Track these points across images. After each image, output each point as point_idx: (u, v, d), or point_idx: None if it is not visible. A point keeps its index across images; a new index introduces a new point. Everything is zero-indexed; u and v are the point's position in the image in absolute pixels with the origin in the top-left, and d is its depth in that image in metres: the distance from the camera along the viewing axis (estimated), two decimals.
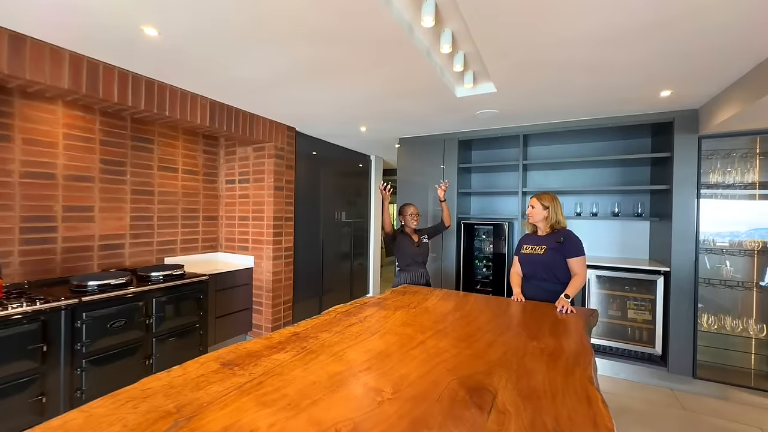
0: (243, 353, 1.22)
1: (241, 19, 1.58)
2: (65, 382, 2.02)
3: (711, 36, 1.64)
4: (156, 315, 2.47)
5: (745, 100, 2.08)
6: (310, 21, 1.59)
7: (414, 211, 2.79)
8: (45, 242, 2.43)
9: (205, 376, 1.05)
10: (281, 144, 3.48)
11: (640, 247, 3.34)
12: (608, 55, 1.88)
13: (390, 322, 1.61)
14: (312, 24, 1.61)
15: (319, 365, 1.14)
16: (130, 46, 1.87)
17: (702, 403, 2.58)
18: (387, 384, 1.03)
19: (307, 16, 1.55)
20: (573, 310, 1.84)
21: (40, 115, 2.39)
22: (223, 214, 3.73)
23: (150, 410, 0.87)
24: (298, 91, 2.52)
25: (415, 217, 2.79)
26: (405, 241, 2.75)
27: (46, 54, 1.85)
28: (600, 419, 0.87)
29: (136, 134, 2.95)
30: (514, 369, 1.14)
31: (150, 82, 2.33)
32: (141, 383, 1.00)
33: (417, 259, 2.78)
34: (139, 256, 3.01)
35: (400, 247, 2.75)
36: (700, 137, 2.71)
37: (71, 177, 2.56)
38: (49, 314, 1.95)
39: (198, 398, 0.93)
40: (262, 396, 0.95)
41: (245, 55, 1.94)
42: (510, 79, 2.24)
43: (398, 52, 1.87)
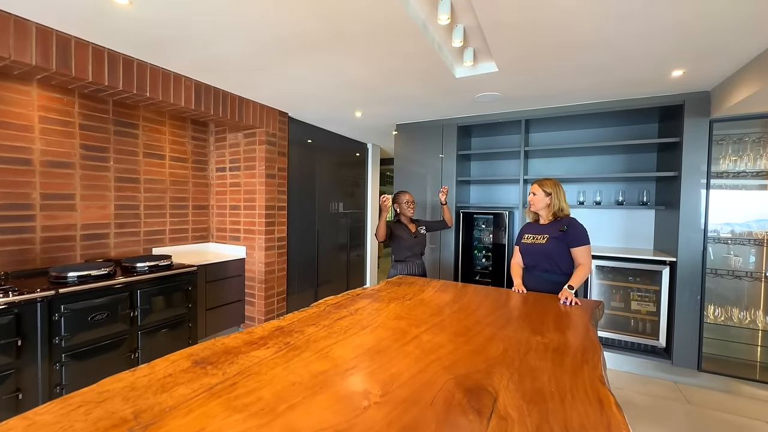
0: (219, 350, 1.11)
1: None
2: (43, 377, 1.92)
3: (730, 10, 1.50)
4: (141, 307, 2.37)
5: (763, 79, 1.94)
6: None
7: (409, 199, 2.68)
8: (22, 231, 2.31)
9: (173, 375, 0.95)
10: (273, 130, 3.33)
11: (645, 237, 3.24)
12: (617, 30, 1.74)
13: (383, 315, 1.51)
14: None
15: (302, 363, 1.04)
16: (100, 18, 1.72)
17: (707, 396, 2.50)
18: (375, 385, 0.92)
19: None
20: (577, 302, 1.73)
21: (13, 96, 2.24)
22: (213, 203, 3.60)
23: (103, 417, 0.76)
24: (287, 69, 2.37)
25: (410, 205, 2.67)
26: (402, 232, 2.64)
27: (10, 26, 1.70)
28: (615, 426, 0.76)
29: (118, 118, 2.81)
30: (517, 367, 1.04)
31: (128, 60, 2.18)
32: (99, 384, 0.90)
33: (414, 251, 2.67)
34: (125, 246, 2.89)
35: (396, 239, 2.64)
36: (712, 121, 2.58)
37: (49, 163, 2.43)
38: (23, 307, 1.84)
39: (160, 402, 0.82)
40: (233, 399, 0.84)
41: (223, 27, 1.80)
42: (512, 56, 2.09)
43: (393, 25, 1.72)
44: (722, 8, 1.52)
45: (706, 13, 1.57)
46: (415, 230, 2.69)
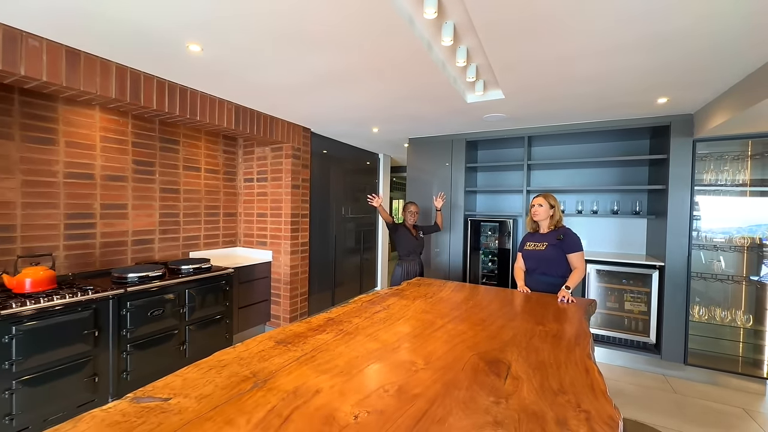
0: (291, 334, 1.42)
1: (279, 33, 1.75)
2: (113, 364, 2.23)
3: (705, 50, 1.81)
4: (188, 305, 2.68)
5: (736, 108, 2.25)
6: (338, 37, 1.76)
7: (414, 210, 3.28)
8: (86, 237, 2.63)
9: (265, 351, 1.26)
10: (298, 144, 3.66)
11: (638, 243, 3.54)
12: (609, 67, 2.06)
13: (411, 309, 1.82)
14: (339, 39, 1.79)
15: (358, 343, 1.34)
16: (172, 59, 2.05)
17: (692, 387, 2.80)
18: (419, 358, 1.23)
19: (336, 32, 1.73)
20: (573, 300, 2.04)
21: (80, 119, 2.57)
22: (241, 210, 3.92)
23: (231, 375, 1.07)
24: (319, 96, 2.69)
25: (414, 215, 3.28)
26: (406, 234, 3.24)
27: (97, 67, 2.03)
28: (596, 384, 1.07)
29: (163, 136, 3.14)
30: (524, 347, 1.34)
31: (183, 90, 2.51)
32: (215, 356, 1.20)
33: (416, 250, 3.28)
34: (167, 251, 3.21)
35: (401, 239, 3.23)
36: (695, 140, 2.89)
37: (107, 177, 2.75)
38: (99, 303, 2.16)
39: (265, 367, 1.13)
40: (317, 366, 1.15)
41: (276, 65, 2.12)
42: (517, 87, 2.41)
43: (417, 65, 2.05)
44: (702, 48, 1.79)
45: (688, 53, 1.86)
46: (415, 234, 3.27)
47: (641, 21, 1.56)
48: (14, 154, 2.26)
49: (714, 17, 1.51)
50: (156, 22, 1.66)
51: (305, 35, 1.75)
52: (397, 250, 3.30)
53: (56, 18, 1.62)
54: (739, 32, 1.62)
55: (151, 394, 0.95)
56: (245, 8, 1.53)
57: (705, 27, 1.59)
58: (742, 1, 1.40)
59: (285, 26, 1.67)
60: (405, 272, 3.22)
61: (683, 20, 1.54)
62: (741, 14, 1.48)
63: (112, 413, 0.86)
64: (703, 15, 1.49)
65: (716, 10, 1.46)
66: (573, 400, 0.97)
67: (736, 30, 1.60)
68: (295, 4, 1.48)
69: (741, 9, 1.44)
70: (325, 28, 1.68)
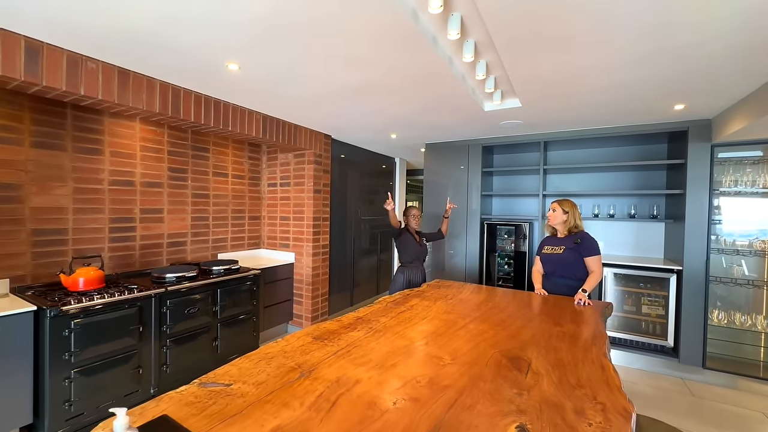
0: (325, 331, 1.56)
1: (311, 54, 1.90)
2: (155, 357, 2.42)
3: (720, 60, 1.86)
4: (220, 304, 2.85)
5: (754, 115, 2.28)
6: (366, 56, 1.89)
7: (416, 213, 3.16)
8: (127, 240, 2.84)
9: (305, 346, 1.39)
10: (319, 151, 3.82)
11: (656, 247, 3.55)
12: (625, 78, 2.13)
13: (433, 310, 1.93)
14: (367, 57, 1.91)
15: (388, 340, 1.47)
16: (211, 77, 2.22)
17: (710, 390, 2.81)
18: (445, 354, 1.34)
19: (364, 52, 1.85)
20: (590, 303, 2.11)
21: (123, 130, 2.78)
22: (265, 214, 4.10)
23: (279, 366, 1.21)
24: (343, 106, 2.83)
25: (416, 219, 3.14)
26: (409, 239, 3.09)
27: (143, 84, 2.22)
28: (612, 380, 1.16)
29: (195, 144, 3.33)
30: (543, 345, 1.44)
31: (217, 102, 2.69)
32: (261, 350, 1.34)
33: (420, 257, 3.12)
34: (198, 252, 3.40)
35: (404, 244, 3.08)
36: (713, 146, 2.91)
37: (146, 183, 2.96)
38: (143, 301, 2.34)
39: (308, 360, 1.26)
40: (354, 359, 1.27)
41: (305, 80, 2.27)
42: (534, 97, 2.50)
43: (438, 79, 2.16)
44: (718, 59, 1.84)
45: (704, 64, 1.91)
46: (419, 239, 3.14)
47: (657, 36, 1.63)
48: (67, 163, 2.48)
49: (728, 33, 1.57)
50: (202, 47, 1.82)
51: (335, 55, 1.88)
52: (399, 257, 3.14)
53: (114, 44, 1.80)
54: (754, 43, 1.66)
55: (215, 380, 1.09)
56: (282, 35, 1.67)
57: (720, 41, 1.65)
58: (756, 18, 1.46)
59: (317, 48, 1.80)
60: (407, 280, 3.02)
61: (698, 35, 1.60)
62: (753, 29, 1.54)
63: (185, 395, 1.00)
64: (718, 30, 1.56)
65: (730, 27, 1.53)
66: (590, 393, 1.06)
67: (751, 42, 1.65)
68: (331, 29, 1.61)
69: (754, 25, 1.50)
70: (354, 49, 1.81)
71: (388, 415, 0.93)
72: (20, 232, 2.27)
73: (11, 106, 2.20)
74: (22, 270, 2.29)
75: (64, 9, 1.49)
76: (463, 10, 1.53)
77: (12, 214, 2.23)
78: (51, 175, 2.40)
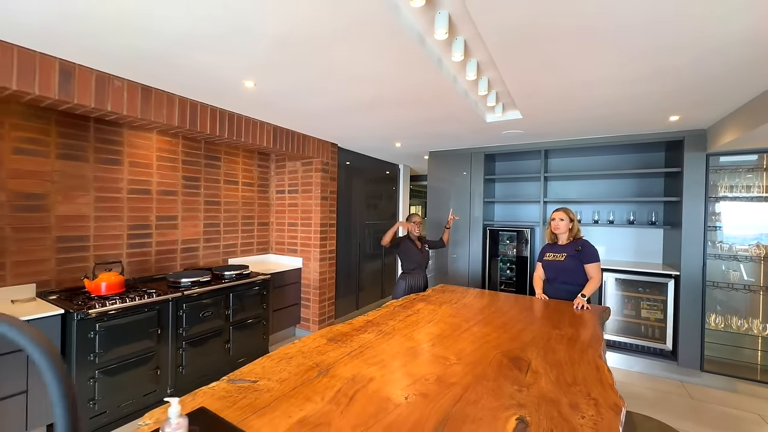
0: (338, 333, 1.66)
1: (324, 72, 2.02)
2: (171, 358, 2.53)
3: (713, 76, 1.96)
4: (232, 307, 2.97)
5: (746, 127, 2.38)
6: (375, 74, 2.01)
7: (418, 220, 3.18)
8: (144, 246, 2.96)
9: (320, 347, 1.50)
10: (326, 159, 3.94)
11: (655, 253, 3.64)
12: (622, 93, 2.24)
13: (439, 314, 2.03)
14: (376, 76, 2.03)
15: (397, 342, 1.57)
16: (228, 93, 2.35)
17: (708, 393, 2.88)
18: (451, 354, 1.44)
19: (374, 71, 1.97)
20: (588, 307, 2.20)
21: (141, 141, 2.91)
22: (273, 220, 4.22)
23: (299, 365, 1.31)
24: (350, 118, 2.96)
25: (418, 225, 3.16)
26: (410, 247, 3.12)
27: (164, 100, 2.35)
28: (605, 379, 1.26)
29: (207, 154, 3.46)
30: (542, 347, 1.54)
31: (231, 115, 2.82)
32: (281, 350, 1.45)
33: (421, 264, 3.14)
34: (210, 258, 3.52)
35: (405, 252, 3.10)
36: (708, 155, 3.01)
37: (162, 192, 3.09)
38: (162, 305, 2.46)
39: (324, 360, 1.37)
40: (366, 359, 1.38)
41: (316, 95, 2.39)
42: (535, 110, 2.61)
43: (444, 95, 2.28)
44: (710, 76, 1.95)
45: (697, 81, 2.02)
46: (420, 246, 3.18)
47: (652, 55, 1.73)
48: (89, 173, 2.61)
49: (723, 51, 1.68)
50: (221, 66, 1.95)
51: (347, 73, 2.00)
52: (401, 264, 3.17)
53: (139, 64, 1.94)
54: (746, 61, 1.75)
55: (242, 377, 1.20)
56: (297, 55, 1.79)
57: (712, 60, 1.76)
58: (747, 37, 1.56)
59: (330, 67, 1.93)
60: (409, 286, 3.03)
61: (691, 54, 1.71)
62: (747, 45, 1.64)
63: (217, 390, 1.11)
64: (710, 49, 1.67)
65: (720, 45, 1.63)
66: (584, 390, 1.16)
67: (743, 60, 1.74)
68: (343, 50, 1.74)
69: (745, 46, 1.61)
70: (365, 69, 1.93)
71: (401, 409, 1.03)
72: (46, 239, 2.39)
73: (40, 120, 2.33)
74: (47, 275, 2.41)
75: (94, 33, 1.62)
76: (466, 35, 1.65)
77: (39, 222, 2.36)
78: (74, 184, 2.53)
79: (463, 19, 1.51)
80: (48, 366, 0.40)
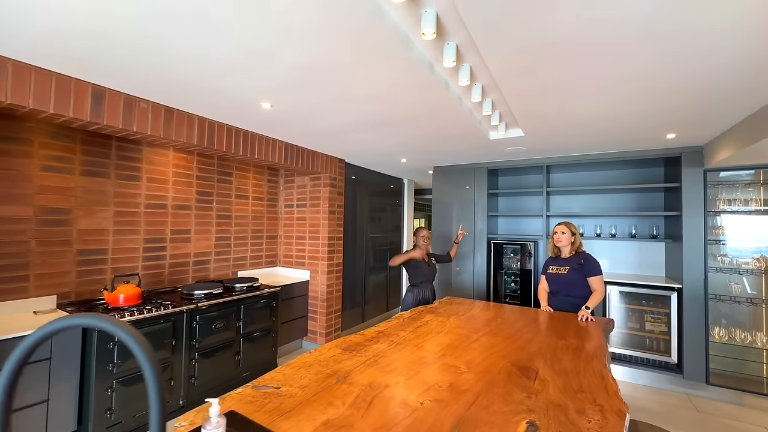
0: (352, 343, 1.73)
1: (337, 94, 2.15)
2: (185, 369, 2.58)
3: (706, 97, 2.07)
4: (243, 319, 3.03)
5: (739, 145, 2.48)
6: (385, 95, 2.14)
7: (426, 235, 3.26)
8: (159, 259, 3.05)
9: (336, 356, 1.56)
10: (334, 174, 4.06)
11: (657, 266, 3.69)
12: (618, 112, 2.35)
13: (447, 325, 2.09)
14: (386, 97, 2.16)
15: (409, 351, 1.64)
16: (246, 113, 2.48)
17: (714, 406, 2.90)
18: (461, 363, 1.51)
19: (384, 92, 2.10)
20: (592, 319, 2.26)
21: (158, 158, 3.04)
22: (281, 233, 4.32)
23: (317, 373, 1.38)
24: (359, 135, 3.08)
25: (427, 240, 3.24)
26: (419, 262, 3.18)
27: (185, 120, 2.48)
28: (609, 387, 1.32)
29: (220, 169, 3.59)
30: (549, 357, 1.60)
31: (246, 133, 2.95)
32: (298, 359, 1.52)
33: (429, 277, 3.22)
34: (221, 270, 3.61)
35: (414, 267, 3.18)
36: (706, 170, 3.10)
37: (176, 206, 3.20)
38: (176, 316, 2.53)
39: (341, 368, 1.44)
40: (381, 368, 1.45)
41: (328, 115, 2.52)
42: (536, 128, 2.73)
43: (449, 114, 2.40)
44: (701, 96, 2.05)
45: (688, 102, 2.13)
46: (428, 260, 3.26)
47: (641, 80, 1.85)
48: (110, 189, 2.72)
49: (703, 80, 1.80)
50: (242, 90, 2.08)
51: (360, 95, 2.13)
52: (409, 279, 3.25)
53: (165, 88, 2.07)
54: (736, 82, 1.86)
55: (265, 384, 1.27)
56: (313, 80, 1.92)
57: (701, 84, 1.87)
58: (729, 69, 1.68)
59: (344, 90, 2.06)
60: (417, 298, 3.10)
61: (672, 80, 1.83)
62: (737, 68, 1.74)
63: (244, 395, 1.18)
64: (690, 76, 1.78)
65: (708, 70, 1.75)
66: (590, 397, 1.23)
67: (733, 81, 1.86)
68: (358, 75, 1.86)
69: (737, 63, 1.72)
70: (377, 92, 2.06)
71: (417, 413, 1.10)
72: (68, 253, 2.49)
73: (67, 139, 2.46)
74: (67, 287, 2.50)
75: (124, 59, 1.75)
76: (472, 62, 1.77)
77: (62, 236, 2.46)
78: (96, 200, 2.64)
79: (470, 49, 1.64)
80: (145, 360, 0.49)
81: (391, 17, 1.40)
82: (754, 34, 1.39)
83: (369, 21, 1.36)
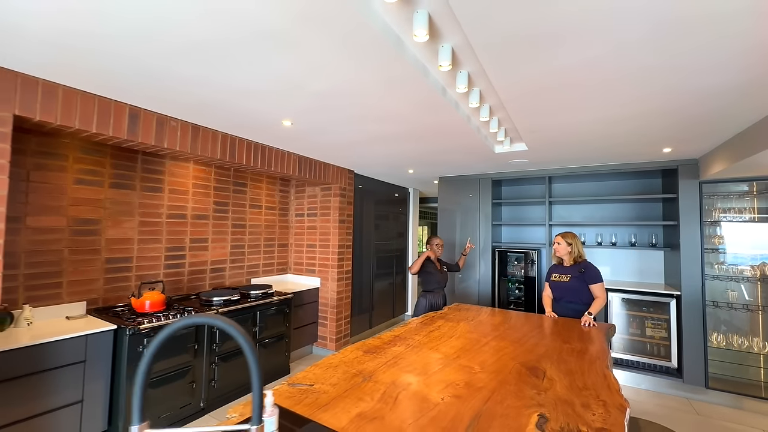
0: (372, 346, 1.86)
1: (351, 115, 2.31)
2: (205, 373, 2.70)
3: (700, 117, 2.22)
4: (259, 325, 3.16)
5: (732, 159, 2.63)
6: (398, 116, 2.29)
7: (439, 243, 3.47)
8: (179, 266, 3.19)
9: (358, 357, 1.69)
10: (344, 184, 4.21)
11: (657, 273, 3.82)
12: (616, 130, 2.51)
13: (458, 330, 2.22)
14: (399, 117, 2.32)
15: (425, 353, 1.76)
16: (267, 130, 2.65)
17: (714, 409, 3.00)
18: (475, 364, 1.64)
19: (398, 113, 2.26)
20: (595, 324, 2.39)
21: (180, 170, 3.20)
22: (292, 241, 4.46)
23: (344, 372, 1.51)
24: (368, 148, 3.24)
25: (440, 248, 3.45)
26: (432, 268, 3.39)
27: (210, 136, 2.64)
28: (612, 385, 1.45)
29: (235, 180, 3.75)
30: (555, 359, 1.73)
31: (263, 147, 3.12)
32: (324, 361, 1.65)
33: (441, 284, 3.41)
34: (235, 277, 3.74)
35: (427, 273, 3.37)
36: (701, 182, 3.25)
37: (195, 216, 3.34)
38: None
39: (365, 368, 1.57)
40: (402, 368, 1.57)
41: (341, 132, 2.68)
42: (539, 143, 2.89)
43: (458, 131, 2.56)
44: (694, 116, 2.22)
45: (681, 120, 2.28)
46: (440, 267, 3.45)
47: (637, 103, 2.01)
48: (135, 200, 2.88)
49: (694, 102, 1.95)
50: (266, 111, 2.24)
51: (375, 115, 2.29)
52: (422, 285, 3.43)
53: (195, 109, 2.23)
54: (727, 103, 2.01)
55: (299, 381, 1.40)
56: (333, 102, 2.08)
57: (693, 106, 2.03)
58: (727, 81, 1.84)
59: (360, 112, 2.22)
60: (430, 304, 3.30)
61: (672, 102, 1.99)
62: (720, 91, 1.90)
63: (282, 392, 1.31)
64: (690, 93, 1.94)
65: (702, 92, 1.90)
66: (594, 394, 1.35)
67: (724, 101, 2.01)
68: (375, 99, 2.02)
69: (720, 87, 1.88)
70: (392, 112, 2.22)
71: (440, 406, 1.23)
72: (97, 261, 2.63)
73: (98, 153, 2.62)
74: (96, 294, 2.63)
75: (158, 76, 1.91)
76: (481, 86, 1.93)
77: (92, 245, 2.60)
78: (122, 210, 2.79)
79: (480, 76, 1.80)
80: (246, 343, 0.64)
81: (411, 53, 1.56)
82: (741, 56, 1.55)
83: (392, 57, 1.52)
